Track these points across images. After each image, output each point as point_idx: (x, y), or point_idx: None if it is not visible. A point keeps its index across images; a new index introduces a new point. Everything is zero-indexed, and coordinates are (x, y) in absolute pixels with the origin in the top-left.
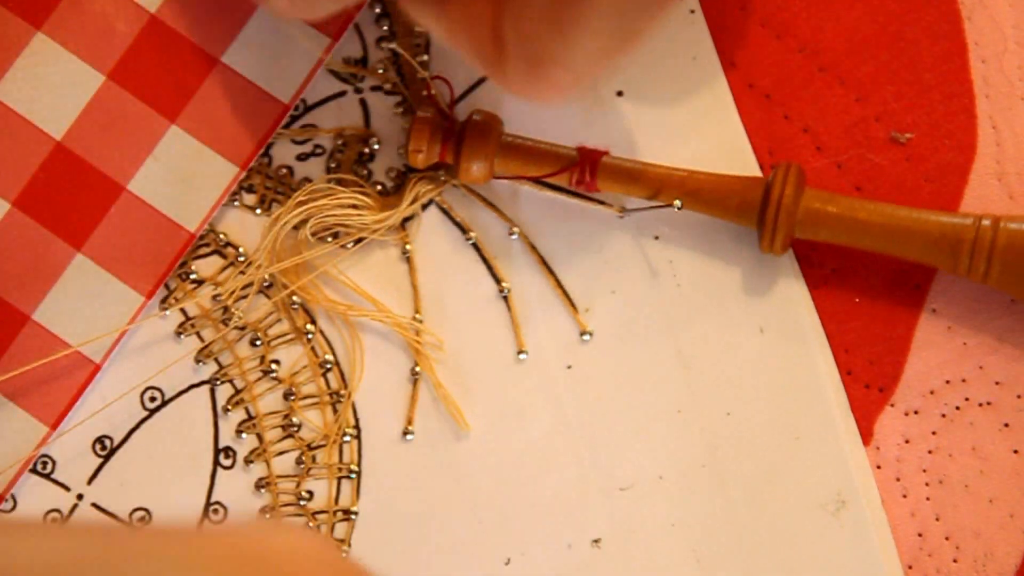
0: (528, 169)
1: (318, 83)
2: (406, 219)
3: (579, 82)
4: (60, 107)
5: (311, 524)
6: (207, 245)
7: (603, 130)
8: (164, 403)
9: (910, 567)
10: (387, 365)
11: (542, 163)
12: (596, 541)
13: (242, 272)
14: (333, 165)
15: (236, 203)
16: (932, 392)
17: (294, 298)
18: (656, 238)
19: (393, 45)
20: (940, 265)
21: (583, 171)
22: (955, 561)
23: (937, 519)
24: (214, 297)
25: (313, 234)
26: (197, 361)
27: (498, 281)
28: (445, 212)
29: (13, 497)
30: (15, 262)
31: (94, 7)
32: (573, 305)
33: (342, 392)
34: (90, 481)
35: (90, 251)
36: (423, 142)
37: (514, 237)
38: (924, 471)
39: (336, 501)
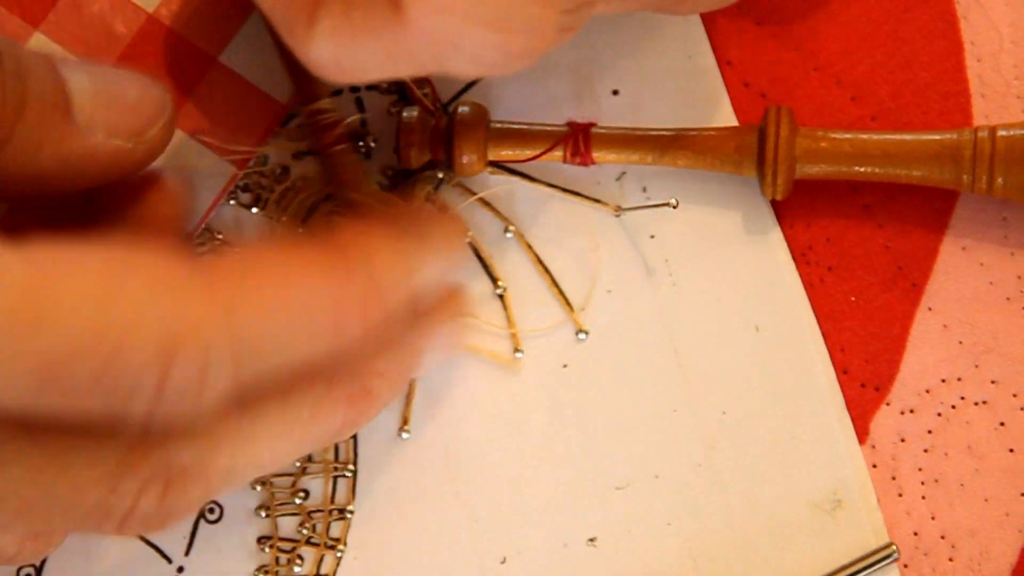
0: (521, 152)
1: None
2: None
3: (443, 31)
4: None
5: (307, 523)
6: (203, 244)
7: None
8: None
9: (906, 566)
10: None
11: (534, 144)
12: (592, 540)
13: None
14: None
15: (232, 202)
16: (928, 391)
17: None
18: (652, 237)
19: None
20: (944, 183)
21: (576, 142)
22: (951, 560)
23: (933, 518)
24: None
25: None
26: None
27: (494, 280)
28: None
29: None
30: None
31: (92, 7)
32: (569, 304)
33: None
34: None
35: None
36: (413, 139)
37: (509, 236)
38: (920, 470)
39: (332, 499)
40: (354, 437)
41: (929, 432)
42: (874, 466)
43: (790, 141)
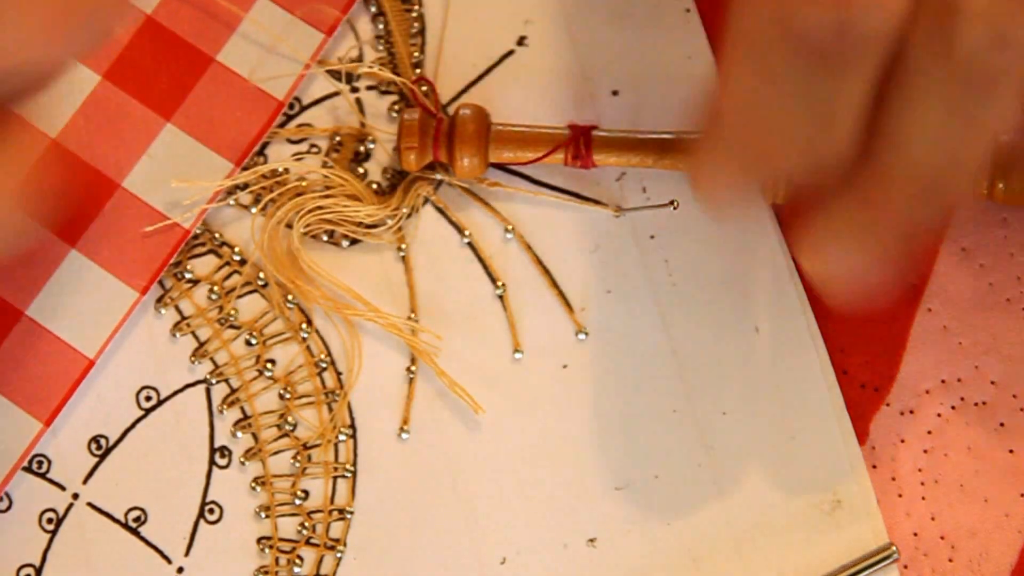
0: (522, 155)
1: (314, 83)
2: None
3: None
4: (56, 106)
5: (307, 524)
6: (202, 244)
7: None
8: (160, 402)
9: (905, 567)
10: (382, 364)
11: (535, 146)
12: (592, 541)
13: (237, 271)
14: (328, 164)
15: (231, 202)
16: (927, 392)
17: (289, 297)
18: (652, 237)
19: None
20: None
21: (577, 145)
22: (950, 561)
23: (932, 519)
24: (210, 296)
25: (307, 233)
26: (192, 360)
27: (494, 281)
28: (441, 212)
29: (8, 496)
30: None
31: None
32: (568, 304)
33: (337, 391)
34: (86, 480)
35: (84, 248)
36: (413, 143)
37: (509, 237)
38: (919, 471)
39: (332, 500)
40: (354, 437)
41: (929, 433)
42: (874, 467)
43: None
